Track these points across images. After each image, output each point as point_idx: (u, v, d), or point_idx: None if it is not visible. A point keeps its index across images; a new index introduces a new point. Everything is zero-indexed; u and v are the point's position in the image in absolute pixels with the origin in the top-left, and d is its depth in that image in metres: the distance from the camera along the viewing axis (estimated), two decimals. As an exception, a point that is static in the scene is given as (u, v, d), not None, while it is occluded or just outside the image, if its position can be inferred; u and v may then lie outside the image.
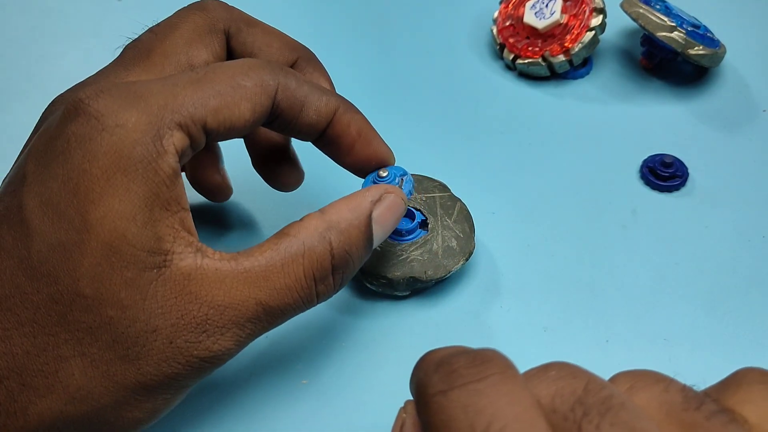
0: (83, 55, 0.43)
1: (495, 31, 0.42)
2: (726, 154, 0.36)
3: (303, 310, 0.24)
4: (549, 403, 0.16)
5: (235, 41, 0.28)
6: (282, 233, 0.24)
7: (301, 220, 0.24)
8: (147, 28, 0.28)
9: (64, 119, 0.22)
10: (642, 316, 0.30)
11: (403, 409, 0.19)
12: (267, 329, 0.23)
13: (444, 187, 0.32)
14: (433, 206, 0.31)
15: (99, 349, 0.21)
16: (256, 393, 0.28)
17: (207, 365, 0.22)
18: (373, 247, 0.26)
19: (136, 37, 0.27)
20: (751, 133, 0.38)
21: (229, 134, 0.24)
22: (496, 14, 0.43)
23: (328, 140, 0.27)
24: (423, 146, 0.37)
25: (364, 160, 0.28)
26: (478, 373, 0.16)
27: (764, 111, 0.39)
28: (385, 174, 0.27)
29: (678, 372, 0.17)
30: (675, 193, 0.35)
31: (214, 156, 0.32)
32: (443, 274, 0.29)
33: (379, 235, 0.26)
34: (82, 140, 0.21)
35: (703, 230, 0.33)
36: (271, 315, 0.23)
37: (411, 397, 0.18)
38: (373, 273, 0.29)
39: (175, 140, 0.22)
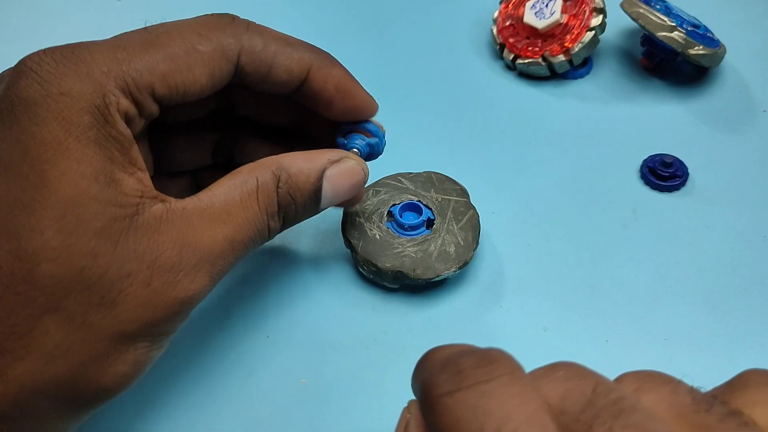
0: (83, 55, 0.43)
1: (495, 31, 0.42)
2: (726, 154, 0.36)
3: (260, 245, 0.25)
4: (558, 405, 0.15)
5: (246, 59, 0.26)
6: (238, 170, 0.24)
7: (258, 161, 0.25)
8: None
9: (8, 83, 0.22)
10: (642, 316, 0.30)
11: (407, 410, 0.19)
12: (233, 265, 0.24)
13: (463, 193, 0.32)
14: (446, 208, 0.31)
15: (73, 300, 0.20)
16: (256, 393, 0.28)
17: (185, 307, 0.22)
18: (322, 206, 0.26)
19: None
20: (751, 133, 0.38)
21: (184, 99, 0.24)
22: (496, 14, 0.43)
23: (304, 95, 0.27)
24: (423, 146, 0.37)
25: (345, 113, 0.28)
26: (486, 374, 0.15)
27: (764, 111, 0.39)
28: (346, 140, 0.28)
29: (680, 372, 0.17)
30: (675, 193, 0.35)
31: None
32: (432, 276, 0.29)
33: (329, 194, 0.26)
34: (27, 103, 0.21)
35: (703, 230, 0.33)
36: (237, 249, 0.23)
37: (412, 397, 0.18)
38: (365, 258, 0.30)
39: (121, 107, 0.22)
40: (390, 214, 0.31)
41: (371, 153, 0.28)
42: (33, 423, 0.21)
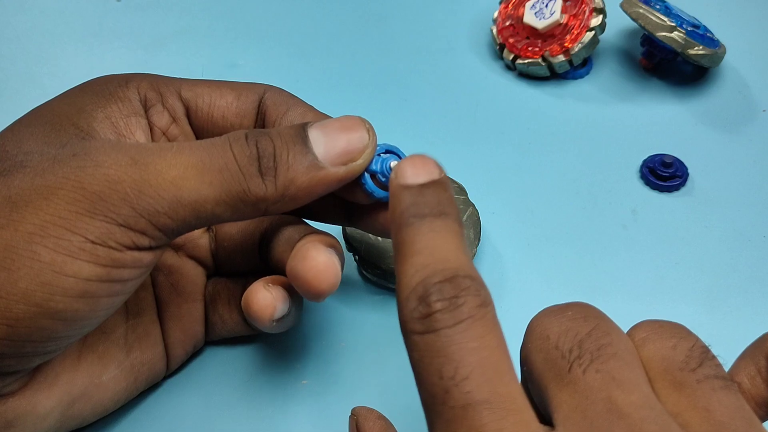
0: (83, 55, 0.43)
1: (495, 31, 0.42)
2: (726, 154, 0.36)
3: (246, 203, 0.21)
4: (555, 340, 0.17)
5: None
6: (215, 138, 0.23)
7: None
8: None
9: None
10: (642, 316, 0.30)
11: (352, 415, 0.23)
12: (203, 216, 0.21)
13: (461, 190, 0.32)
14: None
15: (59, 153, 0.21)
16: (256, 393, 0.28)
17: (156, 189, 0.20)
18: (320, 157, 0.22)
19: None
20: (751, 133, 0.38)
21: (212, 111, 0.26)
22: (496, 14, 0.43)
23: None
24: (422, 146, 0.37)
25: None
26: (451, 318, 0.16)
27: (764, 111, 0.39)
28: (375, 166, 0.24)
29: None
30: (675, 193, 0.35)
31: None
32: None
33: (321, 142, 0.22)
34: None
35: (703, 230, 0.33)
36: (204, 176, 0.21)
37: (413, 396, 0.18)
38: (370, 261, 0.30)
39: (141, 87, 0.25)
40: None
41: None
42: None
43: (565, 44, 0.39)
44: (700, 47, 0.37)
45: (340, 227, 0.31)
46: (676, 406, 0.16)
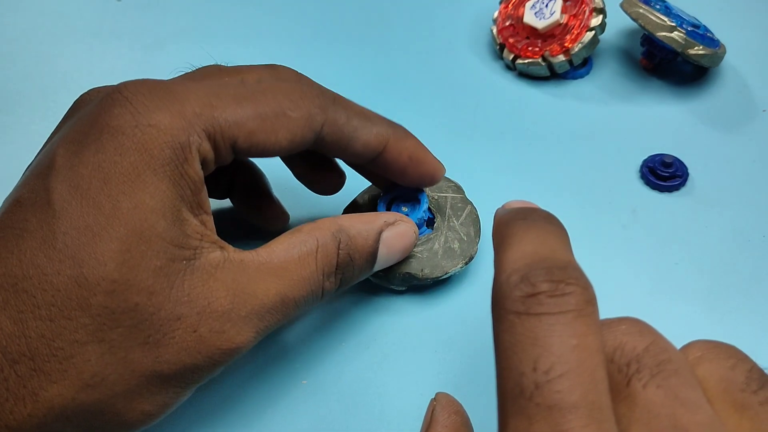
0: (83, 55, 0.43)
1: (495, 31, 0.42)
2: (726, 154, 0.36)
3: (311, 305, 0.25)
4: (609, 354, 0.16)
5: (328, 130, 0.26)
6: (297, 230, 0.25)
7: (315, 221, 0.25)
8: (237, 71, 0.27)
9: (100, 108, 0.22)
10: (642, 316, 0.30)
11: (434, 399, 0.21)
12: (280, 322, 0.24)
13: (458, 189, 0.32)
14: (444, 206, 0.31)
15: (119, 335, 0.20)
16: (256, 393, 0.28)
17: (225, 357, 0.22)
18: (375, 268, 0.27)
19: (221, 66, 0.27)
20: (751, 133, 0.38)
21: (259, 156, 0.25)
22: (496, 14, 0.43)
23: (378, 166, 0.28)
24: (423, 146, 0.37)
25: (415, 181, 0.29)
26: (556, 305, 0.16)
27: (764, 111, 0.39)
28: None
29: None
30: (675, 193, 0.35)
31: (267, 189, 0.32)
32: (440, 275, 0.29)
33: (384, 256, 0.27)
34: (115, 132, 0.21)
35: (703, 230, 0.33)
36: (288, 306, 0.23)
37: (412, 396, 0.18)
38: None
39: (202, 150, 0.22)
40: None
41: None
42: None
43: (565, 44, 0.39)
44: (700, 47, 0.37)
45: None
46: (738, 428, 0.16)
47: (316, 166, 0.31)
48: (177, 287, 0.21)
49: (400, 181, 0.29)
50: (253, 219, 0.33)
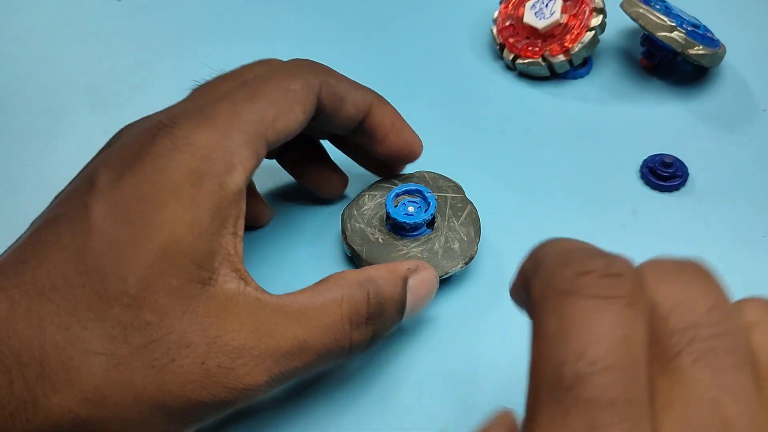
0: (83, 55, 0.43)
1: (495, 31, 0.42)
2: (726, 154, 0.36)
3: (335, 358, 0.24)
4: (665, 313, 0.15)
5: (324, 93, 0.28)
6: (323, 280, 0.24)
7: (341, 272, 0.25)
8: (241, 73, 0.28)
9: (143, 137, 0.23)
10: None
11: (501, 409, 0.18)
12: (299, 372, 0.23)
13: (458, 189, 0.32)
14: (443, 206, 0.31)
15: (127, 353, 0.20)
16: (256, 393, 0.28)
17: (232, 398, 0.21)
18: (404, 318, 0.26)
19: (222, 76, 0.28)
20: (751, 133, 0.38)
21: (286, 139, 0.26)
22: (496, 14, 0.43)
23: (364, 131, 0.29)
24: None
25: (396, 149, 0.30)
26: (608, 289, 0.15)
27: (764, 111, 0.39)
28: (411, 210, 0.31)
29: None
30: (675, 193, 0.35)
31: (251, 185, 0.32)
32: (440, 275, 0.29)
33: (411, 304, 0.26)
34: (156, 156, 0.22)
35: (703, 230, 0.33)
36: (307, 354, 0.22)
37: (411, 396, 0.18)
38: (371, 263, 0.30)
39: (244, 159, 0.23)
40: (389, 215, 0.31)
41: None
42: None
43: (565, 44, 0.39)
44: (700, 47, 0.37)
45: (340, 229, 0.31)
46: None
47: (321, 170, 0.32)
48: (190, 312, 0.21)
49: (381, 149, 0.30)
50: (307, 181, 0.33)
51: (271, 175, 0.35)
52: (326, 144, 0.33)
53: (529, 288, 0.16)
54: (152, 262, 0.21)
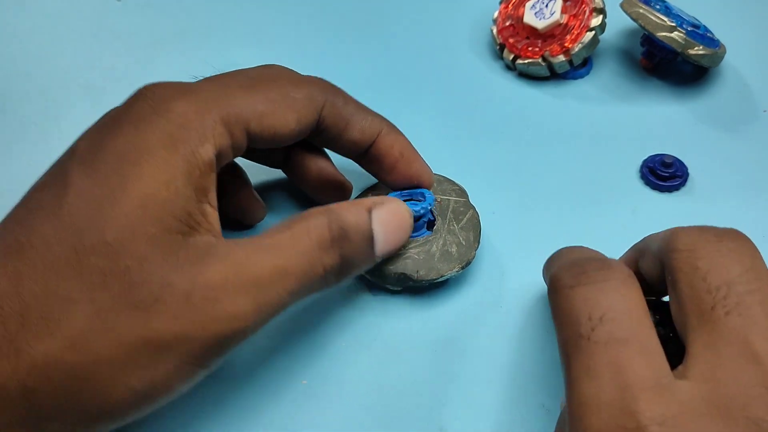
0: (83, 55, 0.43)
1: (495, 31, 0.42)
2: (726, 154, 0.36)
3: (315, 286, 0.24)
4: (704, 272, 0.19)
5: (328, 111, 0.28)
6: (287, 219, 0.25)
7: (305, 210, 0.25)
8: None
9: (123, 106, 0.24)
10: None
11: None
12: (283, 300, 0.23)
13: (462, 193, 0.32)
14: (445, 209, 0.31)
15: (109, 297, 0.20)
16: (256, 393, 0.28)
17: (223, 331, 0.21)
18: (377, 251, 0.26)
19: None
20: (751, 133, 0.38)
21: (272, 141, 0.26)
22: (496, 14, 0.43)
23: (370, 158, 0.29)
24: (422, 146, 0.37)
25: (404, 179, 0.30)
26: (602, 276, 0.20)
27: (764, 111, 0.39)
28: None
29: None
30: (675, 193, 0.35)
31: (246, 181, 0.32)
32: (435, 277, 0.29)
33: (381, 235, 0.26)
34: (135, 121, 0.23)
35: (703, 230, 0.33)
36: (287, 280, 0.23)
37: (411, 396, 0.18)
38: None
39: (217, 134, 0.24)
40: None
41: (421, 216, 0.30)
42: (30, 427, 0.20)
43: (565, 44, 0.39)
44: (700, 47, 0.37)
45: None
46: None
47: (328, 181, 0.32)
48: (170, 256, 0.21)
49: (389, 178, 0.30)
50: (307, 189, 0.33)
51: (268, 173, 0.35)
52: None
53: (549, 291, 0.22)
54: (129, 213, 0.21)
